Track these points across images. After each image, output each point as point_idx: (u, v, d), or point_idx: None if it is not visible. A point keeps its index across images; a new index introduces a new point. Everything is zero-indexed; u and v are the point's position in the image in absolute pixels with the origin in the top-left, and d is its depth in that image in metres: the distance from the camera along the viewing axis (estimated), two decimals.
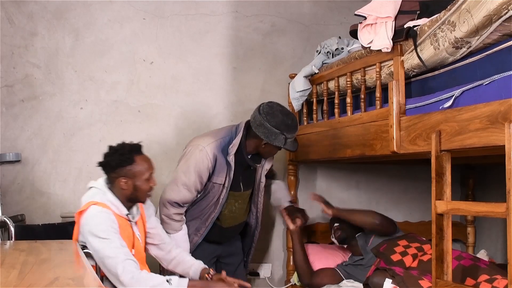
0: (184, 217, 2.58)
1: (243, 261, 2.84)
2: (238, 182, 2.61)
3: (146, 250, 2.34)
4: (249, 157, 2.58)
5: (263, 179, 2.72)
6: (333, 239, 2.92)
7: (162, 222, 2.51)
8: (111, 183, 2.18)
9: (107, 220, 2.08)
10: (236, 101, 3.32)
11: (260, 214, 2.79)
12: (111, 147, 2.21)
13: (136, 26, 3.17)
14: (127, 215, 2.18)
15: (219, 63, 3.30)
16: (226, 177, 2.52)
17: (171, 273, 2.36)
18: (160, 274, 2.35)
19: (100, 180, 2.22)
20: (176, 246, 2.41)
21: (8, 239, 2.56)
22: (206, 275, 2.25)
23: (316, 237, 3.32)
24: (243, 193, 2.65)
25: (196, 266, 2.31)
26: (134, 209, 2.24)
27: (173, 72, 3.22)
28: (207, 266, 2.31)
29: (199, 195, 2.56)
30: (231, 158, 2.51)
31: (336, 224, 2.90)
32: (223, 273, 2.24)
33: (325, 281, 2.71)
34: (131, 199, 2.21)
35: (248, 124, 2.56)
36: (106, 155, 2.19)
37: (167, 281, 2.04)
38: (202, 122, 3.25)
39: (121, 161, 2.15)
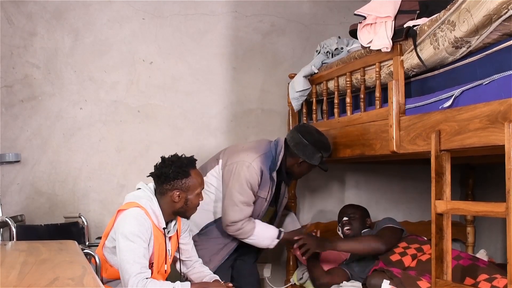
0: (250, 218, 2.58)
1: (256, 260, 2.89)
2: (272, 197, 2.67)
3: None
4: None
5: (286, 195, 2.82)
6: (339, 233, 2.90)
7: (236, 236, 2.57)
8: (162, 194, 2.19)
9: (142, 226, 2.09)
10: (235, 101, 3.32)
11: (276, 226, 2.81)
12: (167, 159, 2.21)
13: (135, 26, 3.17)
14: (163, 229, 2.19)
15: (219, 63, 3.30)
16: (268, 192, 2.58)
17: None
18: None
19: (150, 185, 2.23)
20: (201, 263, 2.42)
21: (10, 240, 2.56)
22: None
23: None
24: (270, 208, 2.73)
25: (209, 277, 2.34)
26: (172, 224, 2.25)
27: (172, 72, 3.22)
28: (219, 279, 2.32)
29: None
30: (275, 175, 2.59)
31: (345, 218, 2.86)
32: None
33: (337, 280, 2.69)
34: (178, 213, 2.23)
35: (286, 142, 2.62)
36: (161, 166, 2.19)
37: None
38: (202, 122, 3.25)
39: (178, 174, 2.15)
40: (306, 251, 2.59)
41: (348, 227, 2.83)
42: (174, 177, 2.16)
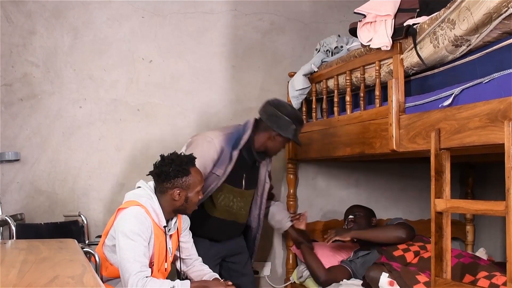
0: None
1: (249, 259, 2.82)
2: (240, 179, 2.61)
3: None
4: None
5: (268, 180, 2.73)
6: None
7: None
8: (162, 192, 2.19)
9: (142, 225, 2.09)
10: (235, 100, 3.31)
11: (262, 216, 2.79)
12: (166, 157, 2.21)
13: (135, 25, 3.17)
14: (164, 227, 2.19)
15: (218, 61, 3.29)
16: (225, 170, 2.52)
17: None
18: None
19: (151, 184, 2.23)
20: (201, 261, 2.41)
21: (10, 238, 2.56)
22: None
23: (315, 235, 3.32)
24: (244, 191, 2.64)
25: (209, 275, 2.33)
26: (172, 222, 2.26)
27: (172, 71, 3.22)
28: (219, 277, 2.32)
29: None
30: (235, 153, 2.52)
31: (350, 216, 2.88)
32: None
33: (339, 278, 2.70)
34: (179, 210, 2.24)
35: (256, 121, 2.58)
36: (161, 165, 2.19)
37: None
38: (201, 120, 3.25)
39: (178, 172, 2.16)
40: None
41: (351, 225, 2.85)
42: (175, 175, 2.16)
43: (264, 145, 2.58)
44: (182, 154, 2.26)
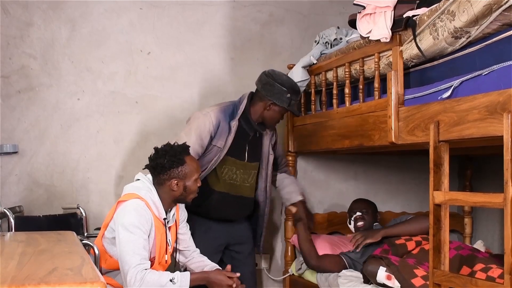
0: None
1: (253, 251, 2.82)
2: (242, 151, 2.63)
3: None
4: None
5: (272, 152, 2.74)
6: (351, 226, 2.91)
7: None
8: (160, 184, 2.19)
9: (142, 218, 2.09)
10: (233, 92, 3.29)
11: (269, 189, 2.78)
12: (159, 149, 2.22)
13: (132, 16, 3.15)
14: (164, 219, 2.19)
15: (217, 53, 3.28)
16: (225, 141, 2.55)
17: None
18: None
19: (149, 176, 2.23)
20: (199, 253, 2.41)
21: (8, 231, 2.57)
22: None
23: (314, 228, 3.31)
24: (247, 163, 2.66)
25: (210, 266, 2.33)
26: (171, 214, 2.26)
27: (170, 63, 3.20)
28: (220, 268, 2.31)
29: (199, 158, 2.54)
30: (234, 124, 2.56)
31: (358, 214, 2.87)
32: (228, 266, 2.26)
33: (329, 266, 2.69)
34: (178, 200, 2.25)
35: (251, 94, 2.63)
36: (156, 157, 2.20)
37: (171, 280, 2.05)
38: None
39: (173, 162, 2.16)
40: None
41: (361, 222, 2.84)
42: (170, 166, 2.16)
43: (261, 115, 2.61)
44: (175, 144, 2.26)
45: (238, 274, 2.20)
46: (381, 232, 2.61)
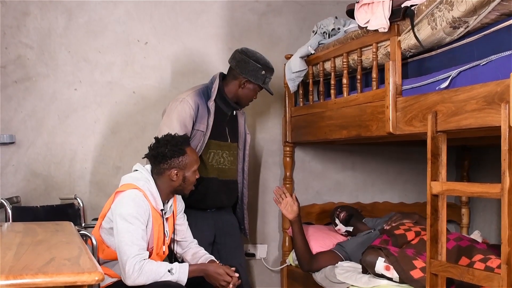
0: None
1: (241, 244, 2.80)
2: (224, 132, 2.63)
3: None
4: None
5: (248, 131, 2.79)
6: (339, 224, 2.96)
7: None
8: (159, 174, 2.20)
9: (140, 208, 2.09)
10: None
11: (247, 169, 2.78)
12: (161, 139, 2.22)
13: (130, 6, 3.13)
14: (161, 210, 2.20)
15: (215, 43, 3.26)
16: (207, 124, 2.54)
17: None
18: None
19: (147, 167, 2.24)
20: (197, 243, 2.40)
21: (6, 221, 2.57)
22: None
23: (311, 218, 3.33)
24: (231, 144, 2.67)
25: (205, 257, 2.33)
26: (168, 205, 2.26)
27: (168, 53, 3.19)
28: (215, 259, 2.32)
29: None
30: (211, 104, 2.55)
31: (337, 211, 3.00)
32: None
33: (325, 265, 2.71)
34: (176, 191, 2.25)
35: (222, 74, 2.65)
36: (157, 146, 2.20)
37: (169, 271, 2.06)
38: None
39: (174, 152, 2.16)
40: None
41: (343, 213, 2.97)
42: (171, 155, 2.17)
43: (236, 94, 2.62)
44: (176, 134, 2.27)
45: (237, 274, 2.20)
46: (416, 216, 2.68)
